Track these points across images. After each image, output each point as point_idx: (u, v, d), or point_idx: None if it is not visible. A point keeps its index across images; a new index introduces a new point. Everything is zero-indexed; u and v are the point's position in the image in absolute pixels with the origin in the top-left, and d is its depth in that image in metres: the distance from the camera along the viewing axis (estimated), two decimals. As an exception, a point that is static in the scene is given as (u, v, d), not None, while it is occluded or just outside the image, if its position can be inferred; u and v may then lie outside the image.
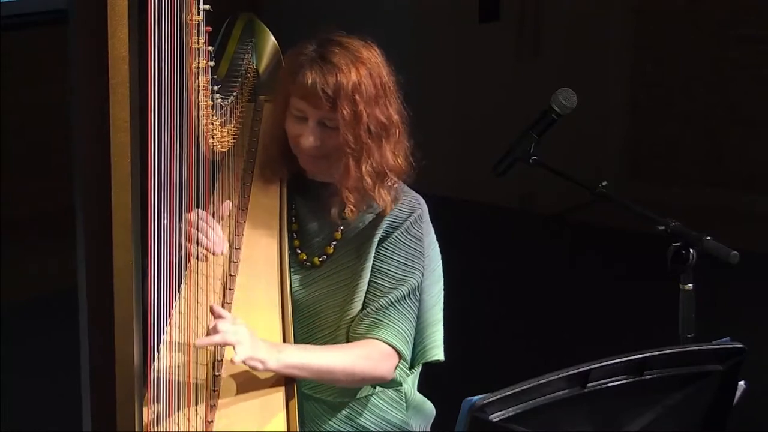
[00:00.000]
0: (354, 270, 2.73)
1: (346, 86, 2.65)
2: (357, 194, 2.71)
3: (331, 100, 2.65)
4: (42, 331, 4.86)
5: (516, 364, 4.27)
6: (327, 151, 2.71)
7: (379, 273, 2.72)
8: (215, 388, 2.51)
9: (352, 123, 2.66)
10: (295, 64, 2.70)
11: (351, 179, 2.69)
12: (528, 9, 7.20)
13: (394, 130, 2.72)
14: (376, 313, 2.69)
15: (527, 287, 5.58)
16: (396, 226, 2.74)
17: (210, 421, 2.45)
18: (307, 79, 2.66)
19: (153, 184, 2.15)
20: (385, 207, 2.72)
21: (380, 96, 2.69)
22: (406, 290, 2.71)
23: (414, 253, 2.74)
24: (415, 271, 2.74)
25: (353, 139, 2.67)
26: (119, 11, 1.88)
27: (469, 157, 6.48)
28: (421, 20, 6.73)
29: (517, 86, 6.95)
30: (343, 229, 2.77)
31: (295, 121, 2.72)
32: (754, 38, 7.26)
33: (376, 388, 2.78)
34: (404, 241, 2.74)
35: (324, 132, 2.69)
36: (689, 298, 2.67)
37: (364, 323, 2.70)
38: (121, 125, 1.90)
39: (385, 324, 2.69)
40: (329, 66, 2.66)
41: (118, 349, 1.96)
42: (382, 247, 2.73)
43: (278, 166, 2.80)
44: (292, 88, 2.69)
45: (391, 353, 2.69)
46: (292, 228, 2.81)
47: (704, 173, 7.47)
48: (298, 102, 2.69)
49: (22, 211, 5.92)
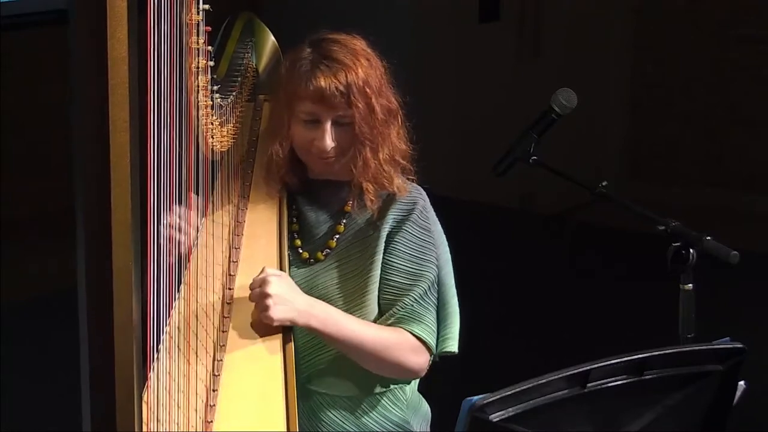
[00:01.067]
0: (360, 262, 2.74)
1: (357, 81, 2.67)
2: (375, 185, 2.73)
3: (345, 97, 2.67)
4: (42, 331, 4.86)
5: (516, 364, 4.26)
6: (343, 149, 2.72)
7: (395, 270, 2.73)
8: (215, 388, 2.51)
9: (367, 115, 2.69)
10: (297, 70, 2.71)
11: (371, 170, 2.72)
12: (528, 9, 7.20)
13: (397, 114, 2.76)
14: (403, 311, 2.70)
15: (527, 287, 5.59)
16: (402, 218, 2.75)
17: (210, 421, 2.45)
18: (319, 82, 2.67)
19: (153, 184, 2.15)
20: (400, 192, 2.74)
21: (383, 85, 2.73)
22: (426, 285, 2.72)
23: (425, 245, 2.75)
24: (430, 264, 2.74)
25: (369, 131, 2.70)
26: (118, 11, 1.88)
27: (469, 157, 6.48)
28: (421, 20, 6.74)
29: (517, 86, 6.95)
30: (346, 222, 2.78)
31: (305, 126, 2.72)
32: (754, 38, 7.27)
33: (389, 387, 2.77)
34: (414, 233, 2.75)
35: (338, 130, 2.71)
36: (689, 298, 2.67)
37: (391, 321, 2.71)
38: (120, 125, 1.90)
39: (412, 319, 2.70)
40: (336, 65, 2.68)
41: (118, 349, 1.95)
42: (392, 242, 2.74)
43: (284, 173, 2.80)
44: (303, 94, 2.69)
45: (420, 347, 2.70)
46: (293, 228, 2.81)
47: (704, 173, 7.47)
48: (310, 106, 2.69)
49: (22, 211, 5.93)
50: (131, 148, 1.92)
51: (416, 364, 2.72)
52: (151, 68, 2.12)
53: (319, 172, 2.80)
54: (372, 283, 2.72)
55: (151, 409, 2.33)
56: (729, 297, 4.86)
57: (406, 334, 2.70)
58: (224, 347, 2.59)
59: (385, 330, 2.70)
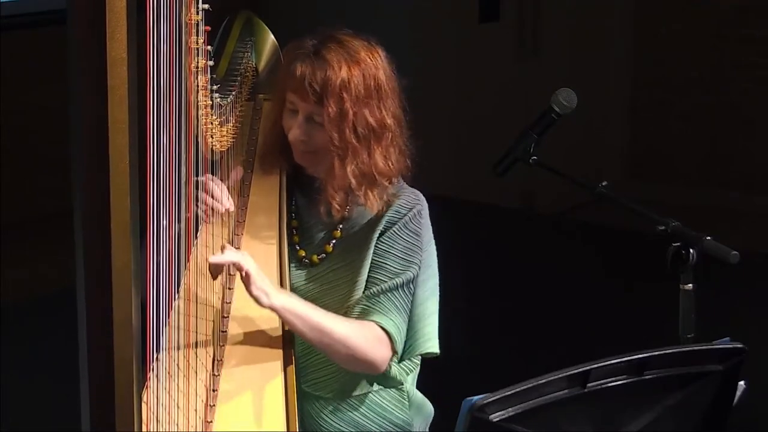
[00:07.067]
0: (353, 267, 2.73)
1: (334, 82, 2.65)
2: (343, 194, 2.71)
3: (317, 95, 2.66)
4: (42, 331, 4.86)
5: (516, 364, 4.27)
6: (314, 146, 2.72)
7: (377, 267, 2.73)
8: (215, 388, 2.51)
9: (337, 120, 2.67)
10: (291, 57, 2.73)
11: (336, 178, 2.70)
12: (528, 9, 7.20)
13: (387, 134, 2.71)
14: (368, 300, 2.70)
15: (527, 287, 5.58)
16: (395, 221, 2.75)
17: (210, 422, 2.45)
18: (297, 71, 2.67)
19: (152, 184, 2.15)
20: (372, 208, 2.71)
21: (371, 97, 2.68)
22: (400, 281, 2.71)
23: (411, 248, 2.74)
24: (411, 265, 2.74)
25: (338, 138, 2.68)
26: (118, 11, 1.88)
27: (469, 157, 6.48)
28: (421, 20, 6.73)
29: (517, 86, 6.95)
30: (342, 228, 2.77)
31: (289, 114, 2.74)
32: (754, 38, 7.26)
33: (374, 386, 2.77)
34: (402, 236, 2.74)
35: (312, 127, 2.70)
36: (689, 298, 2.67)
37: (357, 309, 2.70)
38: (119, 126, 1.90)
39: (376, 311, 2.69)
40: (320, 61, 2.67)
41: (117, 349, 1.96)
42: (380, 241, 2.74)
43: (276, 158, 2.81)
44: (286, 80, 2.71)
45: (384, 339, 2.68)
46: (292, 224, 2.81)
47: (704, 173, 7.47)
48: (291, 95, 2.71)
49: (22, 211, 5.93)
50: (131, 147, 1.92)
51: (378, 356, 2.68)
52: (150, 68, 2.12)
53: (306, 167, 2.80)
54: (361, 288, 2.72)
55: (150, 409, 2.33)
56: (729, 297, 4.86)
57: (369, 325, 2.68)
58: (224, 347, 2.59)
59: (351, 321, 2.68)
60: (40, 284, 5.46)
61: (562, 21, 7.32)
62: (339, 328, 2.64)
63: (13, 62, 5.90)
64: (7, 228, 5.71)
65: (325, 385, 2.74)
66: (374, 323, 2.68)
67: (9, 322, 5.02)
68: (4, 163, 5.93)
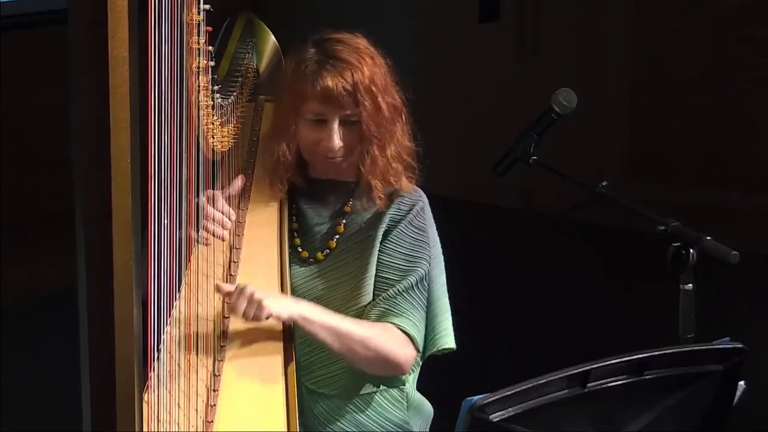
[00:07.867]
0: (358, 264, 2.74)
1: (363, 80, 2.68)
2: (383, 182, 2.74)
3: (353, 96, 2.68)
4: (42, 331, 4.86)
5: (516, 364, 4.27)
6: (350, 148, 2.73)
7: (386, 267, 2.73)
8: (216, 388, 2.51)
9: (374, 113, 2.70)
10: (303, 70, 2.71)
11: (379, 167, 2.72)
12: (528, 9, 7.20)
13: (401, 111, 2.77)
14: (385, 302, 2.70)
15: (527, 287, 5.58)
16: (399, 218, 2.76)
17: (210, 421, 2.45)
18: (326, 82, 2.67)
19: (153, 185, 2.15)
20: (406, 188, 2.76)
21: (388, 81, 2.74)
22: (414, 280, 2.72)
23: (419, 244, 2.76)
24: (421, 261, 2.75)
25: (376, 129, 2.71)
26: (119, 11, 1.88)
27: (469, 157, 6.48)
28: (421, 20, 6.73)
29: (517, 86, 6.95)
30: (345, 223, 2.78)
31: (312, 126, 2.72)
32: (754, 38, 7.26)
33: (380, 387, 2.78)
34: (408, 233, 2.75)
35: (345, 130, 2.71)
36: (689, 298, 2.67)
37: (374, 312, 2.71)
38: (120, 125, 1.91)
39: (396, 313, 2.70)
40: (342, 64, 2.69)
41: (118, 349, 1.96)
42: (386, 240, 2.74)
43: (292, 175, 2.79)
44: (310, 94, 2.69)
45: (407, 340, 2.70)
46: (293, 227, 2.81)
47: (704, 173, 7.47)
48: (317, 106, 2.70)
49: (22, 211, 5.93)
50: (131, 148, 1.93)
51: (403, 357, 2.70)
52: (151, 68, 2.12)
53: (323, 172, 2.80)
54: (367, 285, 2.72)
55: (151, 409, 2.33)
56: (729, 297, 4.86)
57: (391, 327, 2.69)
58: (225, 347, 2.59)
59: (370, 324, 2.69)
60: (40, 284, 5.46)
61: (562, 21, 7.32)
62: (359, 330, 2.65)
63: (13, 62, 5.91)
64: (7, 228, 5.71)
65: (331, 382, 2.74)
66: (393, 325, 2.69)
67: (9, 322, 5.02)
68: (4, 163, 5.93)
